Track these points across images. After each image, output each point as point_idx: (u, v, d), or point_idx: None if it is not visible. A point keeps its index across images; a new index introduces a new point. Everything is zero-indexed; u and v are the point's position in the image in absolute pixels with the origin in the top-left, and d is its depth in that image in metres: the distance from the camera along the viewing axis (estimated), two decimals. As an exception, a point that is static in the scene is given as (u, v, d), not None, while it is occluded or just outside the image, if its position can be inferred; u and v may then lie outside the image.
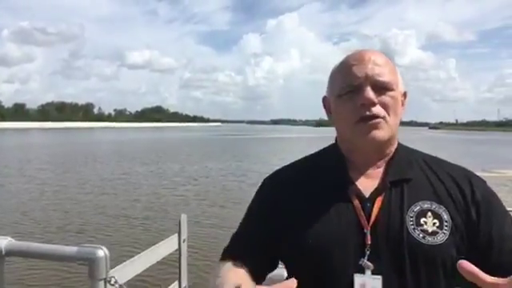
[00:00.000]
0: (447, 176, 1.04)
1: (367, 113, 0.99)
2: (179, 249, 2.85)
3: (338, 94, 1.04)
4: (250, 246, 1.08)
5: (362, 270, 0.94)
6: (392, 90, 1.01)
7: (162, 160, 26.55)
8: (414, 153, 1.11)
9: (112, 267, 1.78)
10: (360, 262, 0.94)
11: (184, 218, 2.95)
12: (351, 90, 1.01)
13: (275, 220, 1.05)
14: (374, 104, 0.99)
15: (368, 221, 0.97)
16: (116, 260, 2.00)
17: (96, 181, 17.38)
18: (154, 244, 2.54)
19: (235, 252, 1.08)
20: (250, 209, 1.16)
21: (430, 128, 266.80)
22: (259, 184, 1.17)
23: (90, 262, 1.62)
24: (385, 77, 1.00)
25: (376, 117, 0.99)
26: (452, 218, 0.97)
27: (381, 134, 1.00)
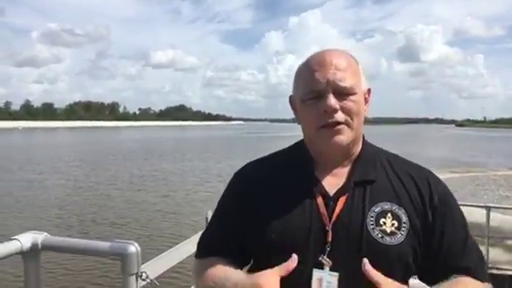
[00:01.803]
0: (408, 177, 1.07)
1: (329, 120, 1.01)
2: (206, 245, 2.87)
3: (301, 98, 1.06)
4: (228, 243, 1.10)
5: (321, 266, 0.97)
6: (354, 94, 1.03)
7: (187, 158, 26.88)
8: (378, 152, 1.14)
9: (143, 262, 1.81)
10: (320, 258, 0.97)
11: (210, 214, 2.98)
12: (314, 96, 1.03)
13: (244, 215, 1.08)
14: (335, 111, 1.01)
15: (330, 219, 1.00)
16: (147, 254, 2.04)
17: (126, 177, 17.80)
18: (182, 239, 2.57)
19: (215, 251, 1.11)
20: (222, 203, 1.18)
21: (457, 125, 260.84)
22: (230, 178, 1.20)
23: (122, 257, 1.64)
24: (346, 82, 1.02)
25: (338, 123, 1.02)
26: (410, 219, 1.01)
27: (343, 138, 1.03)
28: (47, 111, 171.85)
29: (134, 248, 1.66)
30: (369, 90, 1.11)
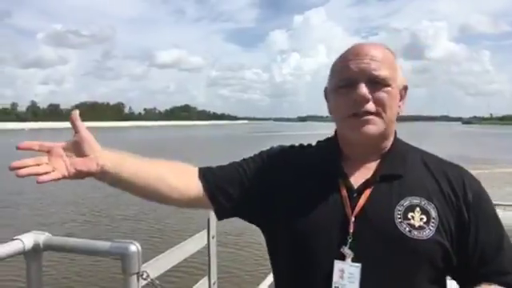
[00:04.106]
0: (442, 175, 1.04)
1: (360, 109, 1.00)
2: (208, 245, 2.87)
3: (334, 87, 1.06)
4: (218, 180, 1.16)
5: (343, 257, 0.97)
6: (388, 85, 1.01)
7: (195, 156, 26.90)
8: (411, 150, 1.11)
9: (145, 261, 1.82)
10: (341, 250, 0.97)
11: (213, 214, 2.98)
12: (347, 85, 1.02)
13: (262, 189, 1.11)
14: (367, 101, 1.00)
15: (353, 211, 0.99)
16: (149, 254, 2.05)
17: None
18: (184, 239, 2.57)
19: (203, 170, 1.21)
20: (249, 159, 1.20)
21: (463, 123, 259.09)
22: (273, 146, 1.24)
23: (123, 257, 1.65)
24: (381, 72, 1.00)
25: (368, 113, 1.00)
26: (440, 215, 0.98)
27: (373, 128, 1.01)
28: (53, 112, 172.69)
29: (134, 247, 1.67)
30: (405, 87, 1.09)
